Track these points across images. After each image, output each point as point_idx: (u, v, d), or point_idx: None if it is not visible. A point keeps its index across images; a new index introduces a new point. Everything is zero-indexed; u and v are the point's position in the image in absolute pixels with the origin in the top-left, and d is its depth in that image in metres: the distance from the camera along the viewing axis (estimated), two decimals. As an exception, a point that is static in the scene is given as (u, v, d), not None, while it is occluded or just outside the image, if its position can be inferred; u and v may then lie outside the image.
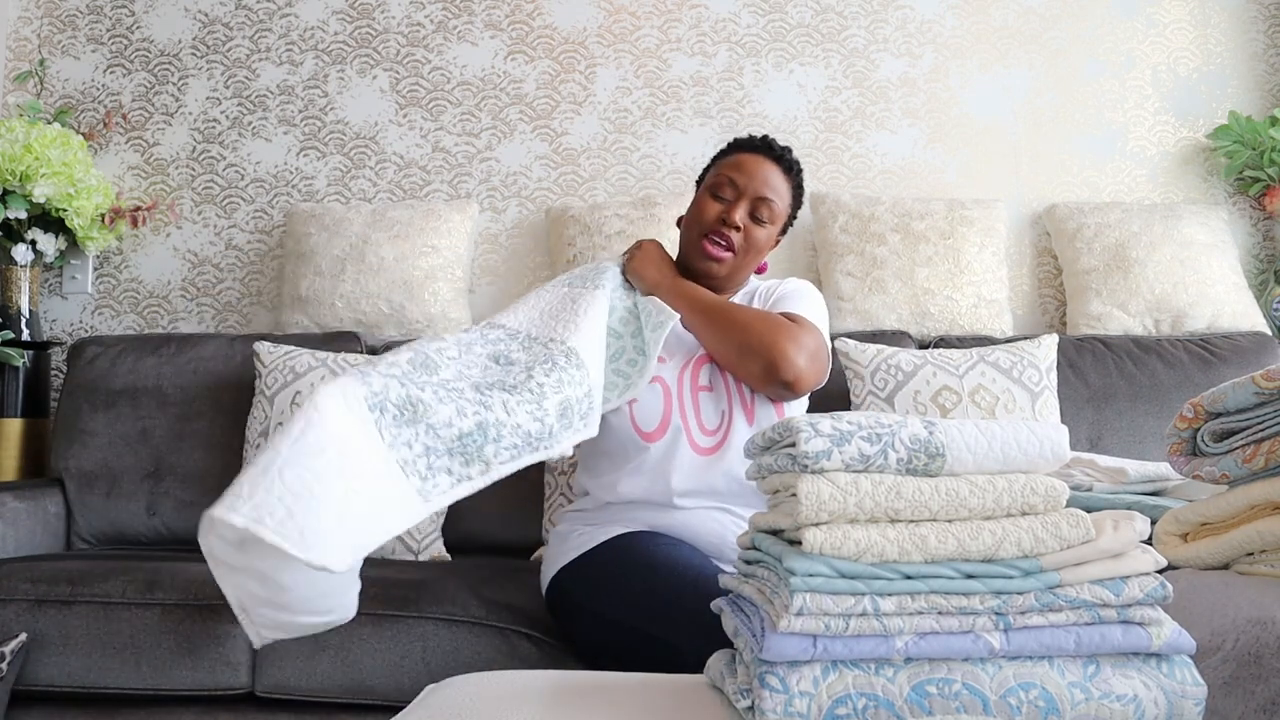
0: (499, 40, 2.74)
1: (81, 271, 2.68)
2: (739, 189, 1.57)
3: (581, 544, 1.50)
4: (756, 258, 1.61)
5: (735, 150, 1.64)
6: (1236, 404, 0.94)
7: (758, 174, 1.58)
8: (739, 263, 1.59)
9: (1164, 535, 1.03)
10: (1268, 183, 2.58)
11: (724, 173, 1.60)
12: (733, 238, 1.56)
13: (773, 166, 1.60)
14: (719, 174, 1.60)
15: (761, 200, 1.57)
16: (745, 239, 1.57)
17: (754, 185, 1.57)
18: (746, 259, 1.59)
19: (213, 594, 1.65)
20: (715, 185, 1.60)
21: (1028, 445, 0.79)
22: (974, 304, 2.43)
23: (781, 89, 2.71)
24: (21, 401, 2.43)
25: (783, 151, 1.62)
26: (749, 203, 1.57)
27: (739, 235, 1.57)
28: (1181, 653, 0.76)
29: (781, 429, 0.81)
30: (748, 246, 1.58)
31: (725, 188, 1.58)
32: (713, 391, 1.54)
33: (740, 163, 1.60)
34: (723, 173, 1.60)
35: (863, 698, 0.73)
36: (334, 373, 2.10)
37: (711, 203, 1.59)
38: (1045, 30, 2.73)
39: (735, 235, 1.56)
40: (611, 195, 2.68)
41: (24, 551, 2.07)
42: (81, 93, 2.75)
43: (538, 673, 0.96)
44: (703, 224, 1.59)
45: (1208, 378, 2.20)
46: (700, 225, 1.59)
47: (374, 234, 2.48)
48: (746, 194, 1.57)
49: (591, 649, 1.48)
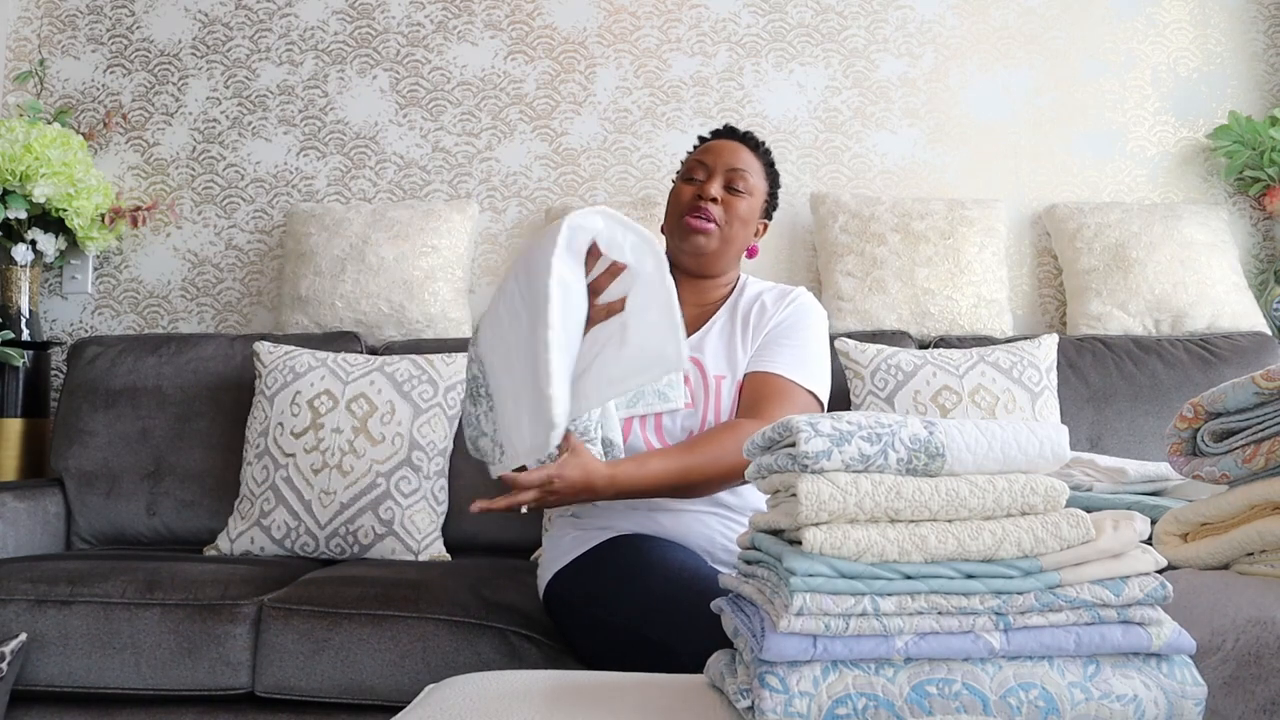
0: (499, 40, 2.74)
1: (81, 271, 2.68)
2: (709, 167, 1.61)
3: (575, 547, 1.50)
4: (742, 229, 1.62)
5: (702, 143, 1.70)
6: (1236, 404, 0.94)
7: (724, 151, 1.63)
8: (725, 234, 1.60)
9: (1164, 535, 1.03)
10: (1268, 183, 2.58)
11: (694, 158, 1.65)
12: (712, 210, 1.58)
13: (738, 145, 1.64)
14: (688, 163, 1.65)
15: (734, 171, 1.60)
16: (725, 210, 1.59)
17: (723, 160, 1.61)
18: (731, 230, 1.60)
19: (213, 594, 1.65)
20: (686, 172, 1.64)
21: (1028, 445, 0.79)
22: (974, 304, 2.43)
23: (781, 89, 2.71)
24: (21, 401, 2.43)
25: (746, 134, 1.68)
26: (722, 176, 1.60)
27: (718, 208, 1.59)
28: (1181, 653, 0.76)
29: (781, 429, 0.81)
30: (730, 217, 1.59)
31: (696, 170, 1.63)
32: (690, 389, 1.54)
33: (706, 148, 1.65)
34: (693, 159, 1.65)
35: (863, 698, 0.73)
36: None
37: (685, 186, 1.63)
38: (1045, 30, 2.73)
39: (714, 208, 1.58)
40: (611, 195, 2.68)
41: (24, 551, 2.07)
42: (81, 93, 2.75)
43: (538, 673, 0.96)
44: (681, 206, 1.61)
45: (1208, 378, 2.20)
46: (679, 207, 1.62)
47: (374, 234, 2.48)
48: (717, 170, 1.60)
49: (589, 653, 1.48)
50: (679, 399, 1.50)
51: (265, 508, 2.03)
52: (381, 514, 2.00)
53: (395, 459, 2.04)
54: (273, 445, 2.07)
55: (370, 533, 1.99)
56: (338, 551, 2.01)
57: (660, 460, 1.41)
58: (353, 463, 2.02)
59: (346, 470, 2.02)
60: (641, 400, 1.48)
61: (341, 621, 1.59)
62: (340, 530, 2.00)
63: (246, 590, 1.67)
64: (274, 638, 1.60)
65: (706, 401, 1.53)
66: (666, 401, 1.49)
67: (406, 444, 2.05)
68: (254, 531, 2.02)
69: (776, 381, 1.52)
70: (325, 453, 2.03)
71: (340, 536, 2.00)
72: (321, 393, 2.09)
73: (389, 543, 1.99)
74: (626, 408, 1.48)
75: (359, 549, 2.00)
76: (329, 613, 1.60)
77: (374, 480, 2.01)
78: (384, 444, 2.04)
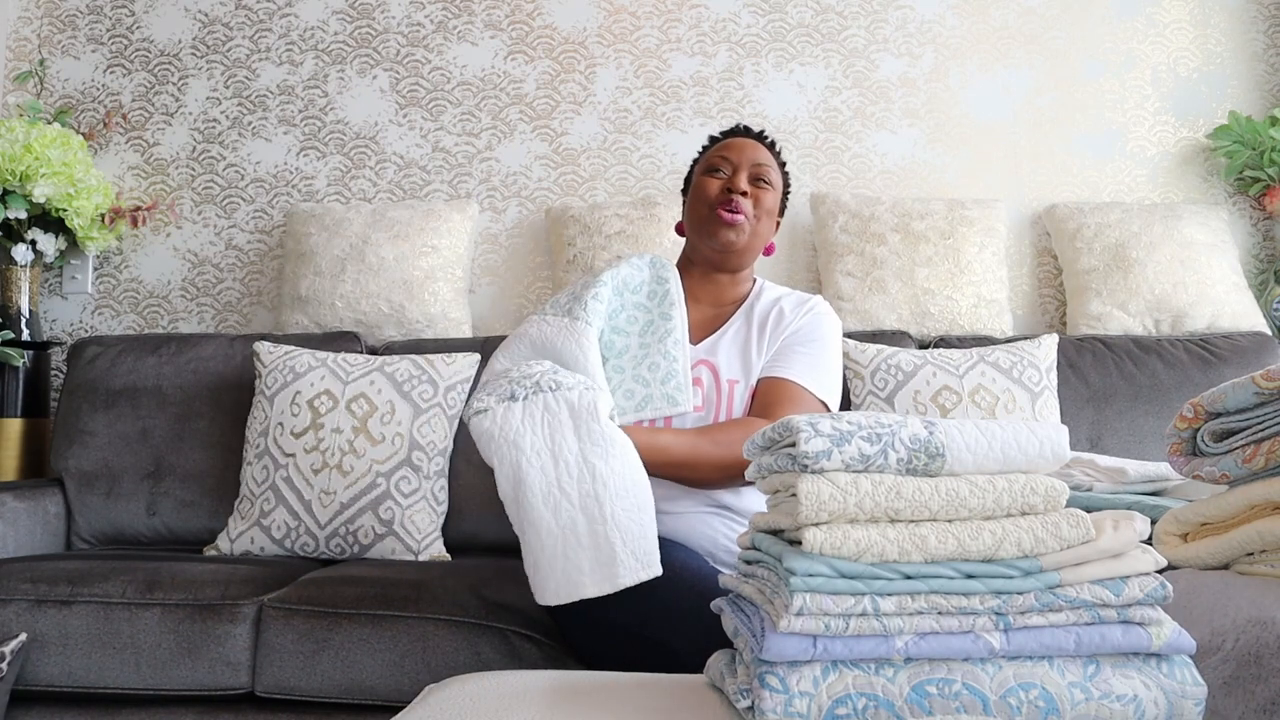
0: (499, 40, 2.74)
1: (81, 271, 2.68)
2: (734, 163, 1.62)
3: (577, 547, 1.50)
4: (768, 223, 1.64)
5: (714, 143, 1.71)
6: (1236, 404, 0.94)
7: (746, 147, 1.65)
8: (754, 228, 1.62)
9: (1164, 535, 1.03)
10: (1268, 183, 2.58)
11: (715, 154, 1.65)
12: (741, 203, 1.59)
13: (756, 144, 1.67)
14: (710, 159, 1.66)
15: (758, 165, 1.62)
16: (754, 204, 1.61)
17: (746, 155, 1.63)
18: (760, 224, 1.62)
19: (213, 594, 1.65)
20: (710, 166, 1.64)
21: (1028, 445, 0.79)
22: (974, 304, 2.43)
23: (781, 89, 2.71)
24: (21, 401, 2.43)
25: (761, 132, 1.71)
26: (747, 170, 1.61)
27: (747, 201, 1.60)
28: (1181, 653, 0.76)
29: (782, 429, 0.81)
30: (759, 211, 1.62)
31: (721, 165, 1.63)
32: (702, 392, 1.55)
33: (728, 144, 1.67)
34: (714, 155, 1.66)
35: (863, 698, 0.73)
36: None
37: (712, 180, 1.63)
38: (1045, 30, 2.73)
39: (744, 201, 1.60)
40: (611, 195, 2.68)
41: (24, 551, 2.07)
42: (81, 93, 2.75)
43: (538, 673, 0.96)
44: (709, 199, 1.62)
45: (1208, 378, 2.20)
46: (707, 201, 1.62)
47: (374, 234, 2.48)
48: (743, 164, 1.62)
49: (589, 653, 1.48)
50: (687, 403, 1.50)
51: (265, 508, 2.03)
52: (381, 514, 2.00)
53: (395, 459, 2.04)
54: (273, 445, 2.07)
55: (370, 533, 1.99)
56: (338, 551, 2.01)
57: (672, 435, 1.44)
58: (353, 463, 2.02)
59: (346, 470, 2.02)
60: (650, 404, 1.49)
61: (341, 621, 1.59)
62: (340, 530, 2.00)
63: (246, 590, 1.67)
64: (274, 638, 1.60)
65: (719, 405, 1.53)
66: (675, 405, 1.49)
67: (406, 444, 2.05)
68: (254, 531, 2.02)
69: (790, 388, 1.53)
70: (325, 453, 2.03)
71: (340, 536, 2.00)
72: (321, 393, 2.09)
73: (389, 543, 1.99)
74: (634, 411, 1.48)
75: (359, 549, 2.00)
76: (329, 613, 1.60)
77: (374, 480, 2.01)
78: (384, 444, 2.04)
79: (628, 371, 1.51)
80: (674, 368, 1.51)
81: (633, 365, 1.52)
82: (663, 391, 1.49)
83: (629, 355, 1.54)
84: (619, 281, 1.61)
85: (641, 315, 1.59)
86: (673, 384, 1.50)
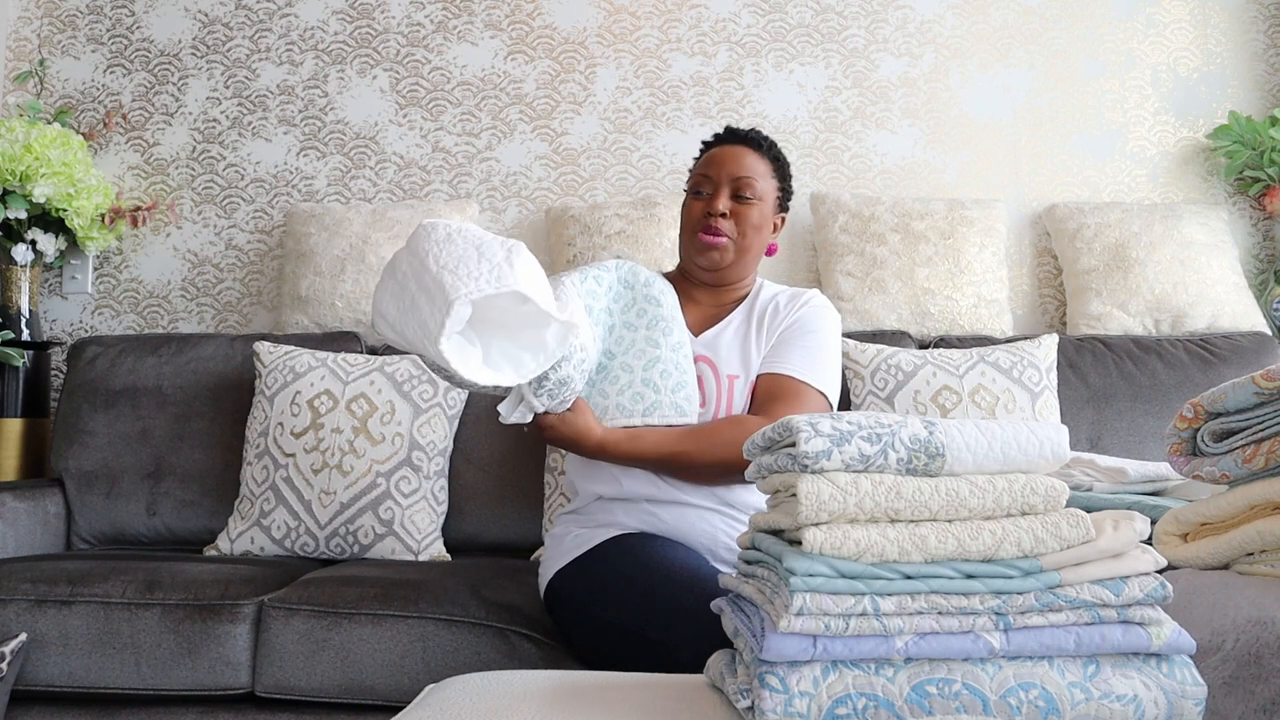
0: (499, 40, 2.74)
1: (81, 271, 2.68)
2: (714, 180, 1.60)
3: (577, 546, 1.50)
4: (756, 236, 1.61)
5: (704, 151, 1.67)
6: (1236, 404, 0.94)
7: (728, 160, 1.61)
8: (739, 245, 1.60)
9: (1164, 535, 1.03)
10: (1268, 183, 2.58)
11: (699, 171, 1.64)
12: (722, 225, 1.58)
13: (742, 149, 1.62)
14: (694, 177, 1.64)
15: (738, 180, 1.59)
16: (736, 222, 1.59)
17: (726, 170, 1.60)
18: (745, 241, 1.60)
19: (213, 594, 1.65)
20: (693, 187, 1.63)
21: (1028, 445, 0.79)
22: (974, 304, 2.43)
23: (781, 89, 2.71)
24: (21, 401, 2.43)
25: (748, 133, 1.65)
26: (727, 187, 1.59)
27: (728, 222, 1.58)
28: (1181, 653, 0.76)
29: (781, 429, 0.81)
30: (743, 228, 1.59)
31: (702, 184, 1.62)
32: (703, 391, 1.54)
33: (709, 158, 1.63)
34: (698, 172, 1.64)
35: (863, 698, 0.73)
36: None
37: (694, 202, 1.62)
38: (1045, 30, 2.73)
39: (724, 223, 1.58)
40: (611, 195, 2.68)
41: (24, 551, 2.07)
42: (81, 93, 2.75)
43: (538, 673, 0.96)
44: (691, 223, 1.62)
45: (1208, 378, 2.20)
46: (690, 225, 1.62)
47: (374, 234, 2.48)
48: (722, 181, 1.59)
49: (589, 652, 1.48)
50: (694, 413, 1.50)
51: (265, 508, 2.03)
52: (381, 514, 2.00)
53: (395, 459, 2.04)
54: (273, 445, 2.07)
55: (370, 533, 1.99)
56: (338, 551, 2.01)
57: (655, 438, 1.46)
58: (353, 463, 2.02)
59: (346, 470, 2.02)
60: (657, 411, 1.49)
61: (341, 621, 1.59)
62: (340, 530, 2.00)
63: (246, 590, 1.67)
64: (274, 638, 1.60)
65: (719, 401, 1.53)
66: (683, 415, 1.49)
67: (406, 444, 2.05)
68: (254, 531, 2.02)
69: (788, 382, 1.53)
70: (325, 453, 2.03)
71: (340, 536, 2.00)
72: (321, 393, 2.09)
73: (389, 543, 1.99)
74: (641, 416, 1.48)
75: (359, 549, 2.00)
76: (329, 613, 1.60)
77: (374, 480, 2.01)
78: (384, 444, 2.04)
79: (637, 373, 1.50)
80: (684, 379, 1.51)
81: (643, 366, 1.51)
82: (672, 400, 1.49)
83: (635, 350, 1.52)
84: (625, 272, 1.60)
85: (651, 309, 1.57)
86: (682, 394, 1.50)
